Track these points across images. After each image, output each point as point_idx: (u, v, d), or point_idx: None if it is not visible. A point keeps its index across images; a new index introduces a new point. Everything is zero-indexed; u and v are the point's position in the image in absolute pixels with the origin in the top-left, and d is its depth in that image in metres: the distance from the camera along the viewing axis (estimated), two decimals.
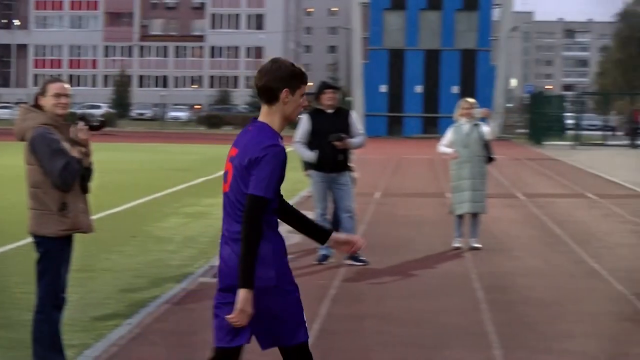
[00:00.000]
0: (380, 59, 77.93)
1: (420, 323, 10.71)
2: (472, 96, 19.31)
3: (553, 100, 73.52)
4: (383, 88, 77.63)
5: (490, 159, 16.07)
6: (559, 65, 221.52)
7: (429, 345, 9.68)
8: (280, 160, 5.80)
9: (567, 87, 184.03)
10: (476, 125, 15.80)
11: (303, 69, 6.04)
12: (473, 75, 76.81)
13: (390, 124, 76.65)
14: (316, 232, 6.22)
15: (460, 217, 15.96)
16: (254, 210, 5.77)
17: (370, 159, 34.80)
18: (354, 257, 14.15)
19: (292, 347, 5.94)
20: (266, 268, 5.81)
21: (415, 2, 77.27)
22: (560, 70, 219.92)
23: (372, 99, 76.51)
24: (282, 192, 6.00)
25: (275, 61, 6.00)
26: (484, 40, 78.02)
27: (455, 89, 73.60)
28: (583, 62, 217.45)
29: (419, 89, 77.44)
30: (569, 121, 68.47)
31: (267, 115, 5.98)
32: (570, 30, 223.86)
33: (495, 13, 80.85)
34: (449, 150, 15.83)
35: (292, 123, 6.32)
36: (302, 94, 5.99)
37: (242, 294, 5.72)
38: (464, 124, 15.78)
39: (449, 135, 15.91)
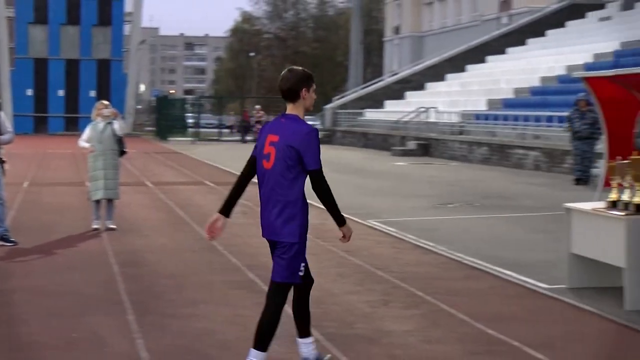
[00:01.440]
0: (26, 66, 76.45)
1: (64, 295, 10.51)
2: (107, 99, 19.16)
3: (176, 102, 74.27)
4: (29, 92, 76.17)
5: (122, 153, 16.26)
6: (181, 73, 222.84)
7: (72, 314, 9.51)
8: (319, 138, 6.92)
9: (188, 92, 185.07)
10: (110, 123, 15.99)
11: (311, 72, 7.10)
12: (108, 81, 76.59)
13: (37, 123, 75.17)
14: None
15: (97, 202, 16.02)
16: (321, 178, 6.94)
17: (19, 153, 33.72)
18: (4, 238, 13.89)
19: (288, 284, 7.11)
20: (300, 228, 7.10)
21: (56, 18, 76.26)
22: (182, 77, 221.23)
23: (20, 101, 74.69)
24: None
25: (291, 70, 7.08)
26: (117, 52, 77.90)
27: (92, 93, 72.90)
28: (201, 71, 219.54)
29: (61, 92, 76.59)
30: (190, 120, 69.11)
31: (293, 109, 7.01)
32: (190, 43, 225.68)
33: (126, 28, 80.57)
34: (86, 145, 15.91)
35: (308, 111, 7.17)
36: (314, 90, 7.02)
37: (346, 227, 7.24)
38: (99, 123, 16.00)
39: (87, 132, 16.09)
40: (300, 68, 7.13)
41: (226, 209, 7.26)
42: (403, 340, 8.57)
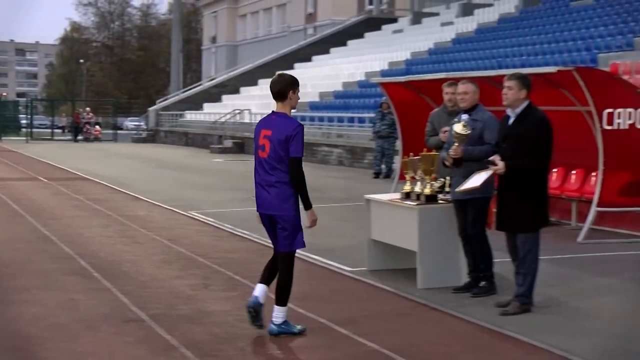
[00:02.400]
0: None
1: None
2: None
3: (9, 104, 72.42)
4: None
5: None
6: (13, 77, 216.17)
7: None
8: (303, 132, 7.61)
9: (21, 95, 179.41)
10: None
11: (297, 78, 7.81)
12: None
13: None
14: None
15: None
16: (299, 165, 7.62)
17: None
18: None
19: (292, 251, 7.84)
20: (295, 203, 7.74)
21: None
22: (14, 81, 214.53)
23: None
24: None
25: (281, 75, 7.81)
26: None
27: None
28: (33, 75, 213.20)
29: None
30: (24, 121, 67.20)
31: (281, 108, 7.73)
32: (21, 49, 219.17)
33: None
34: None
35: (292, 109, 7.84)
36: (298, 92, 7.75)
37: (310, 212, 7.80)
38: None
39: None
40: (289, 74, 7.89)
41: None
42: (222, 319, 8.54)
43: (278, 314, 7.79)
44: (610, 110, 13.26)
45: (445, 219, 9.83)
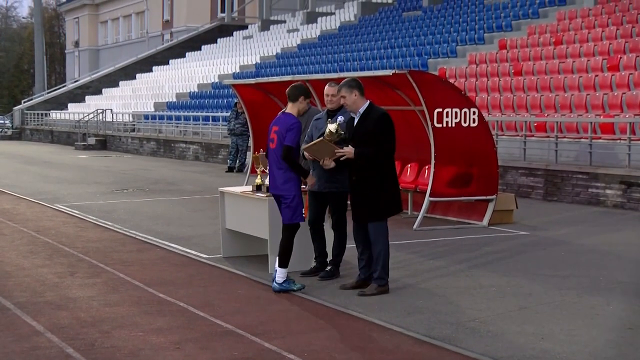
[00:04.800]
0: None
1: None
2: None
3: None
4: None
5: None
6: None
7: None
8: (300, 128, 8.66)
9: None
10: None
11: (309, 89, 9.23)
12: None
13: None
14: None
15: None
16: (291, 151, 8.55)
17: None
18: None
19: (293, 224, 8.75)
20: (295, 185, 8.67)
21: None
22: None
23: None
24: None
25: (300, 84, 9.05)
26: None
27: None
28: None
29: None
30: None
31: (290, 108, 8.78)
32: None
33: None
34: None
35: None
36: (307, 101, 8.91)
37: (309, 178, 8.86)
38: None
39: None
40: (305, 85, 9.24)
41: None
42: (87, 304, 8.33)
43: (280, 275, 8.75)
44: (439, 109, 13.56)
45: None
